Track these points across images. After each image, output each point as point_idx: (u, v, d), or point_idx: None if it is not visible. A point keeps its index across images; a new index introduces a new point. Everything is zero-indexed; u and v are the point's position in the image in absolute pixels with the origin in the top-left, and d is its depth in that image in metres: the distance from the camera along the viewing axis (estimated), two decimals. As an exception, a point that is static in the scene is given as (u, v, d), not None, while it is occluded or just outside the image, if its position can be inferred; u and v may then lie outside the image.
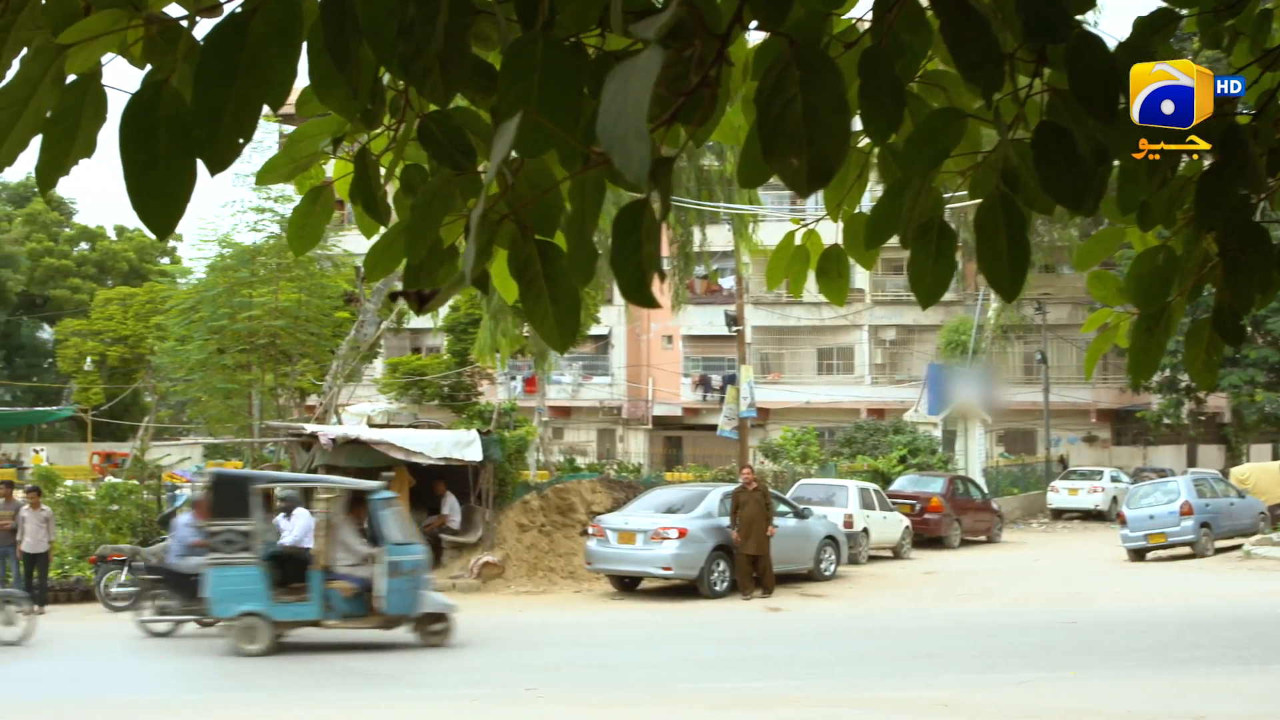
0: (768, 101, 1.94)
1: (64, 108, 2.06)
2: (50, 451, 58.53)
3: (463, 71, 2.14)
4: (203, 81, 1.91)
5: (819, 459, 41.06)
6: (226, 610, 17.15)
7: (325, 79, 2.29)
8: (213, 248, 31.84)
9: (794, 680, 15.19)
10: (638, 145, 1.58)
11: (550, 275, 2.34)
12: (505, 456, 26.86)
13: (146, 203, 1.99)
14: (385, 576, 17.18)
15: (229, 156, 1.96)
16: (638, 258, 1.96)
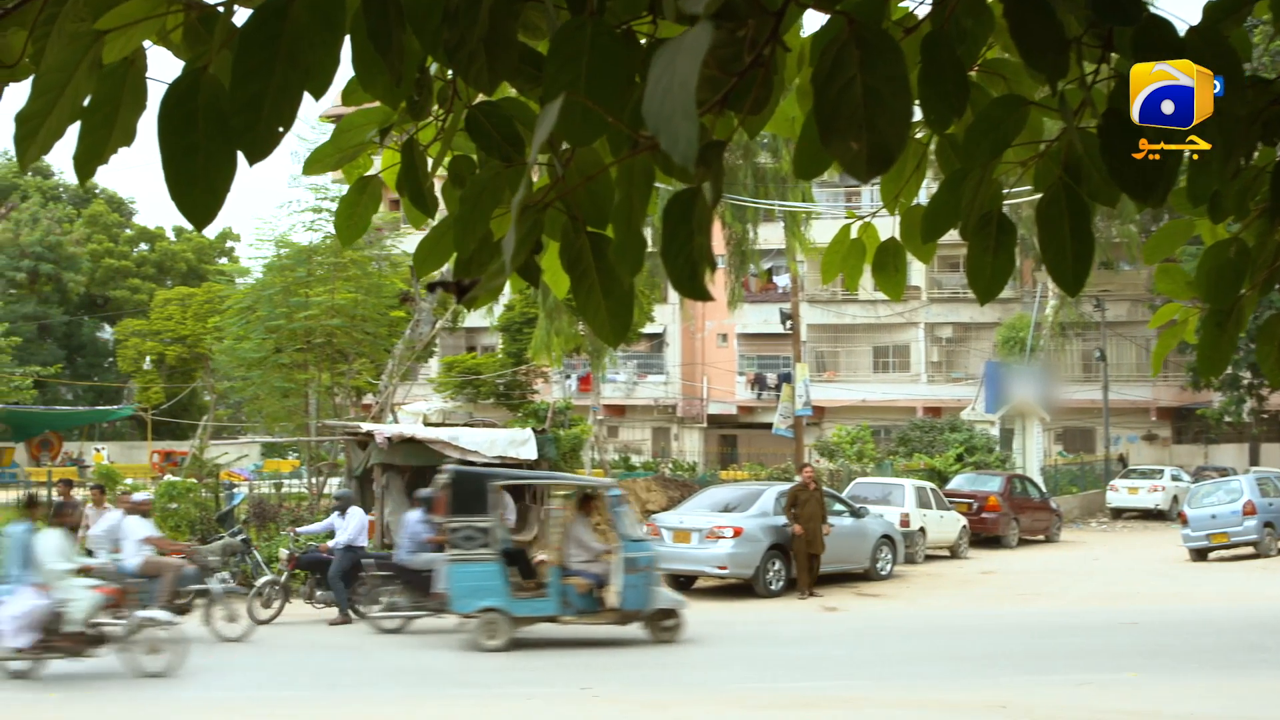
0: (825, 83, 1.85)
1: (102, 95, 2.00)
2: (111, 450, 59.20)
3: (509, 58, 2.08)
4: (242, 69, 1.85)
5: (875, 457, 40.81)
6: (466, 606, 17.35)
7: (368, 66, 2.24)
8: (270, 248, 32.03)
9: (849, 680, 15.08)
10: (685, 125, 1.50)
11: (602, 268, 2.28)
12: (560, 455, 26.88)
13: (185, 193, 1.94)
14: (621, 572, 17.35)
15: (268, 146, 1.90)
16: (689, 249, 1.88)
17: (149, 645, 15.20)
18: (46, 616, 14.86)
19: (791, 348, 42.70)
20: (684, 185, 1.90)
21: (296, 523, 24.54)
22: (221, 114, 1.90)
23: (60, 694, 14.44)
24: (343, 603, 19.49)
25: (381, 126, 2.88)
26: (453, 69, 2.26)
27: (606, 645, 17.54)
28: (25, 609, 14.75)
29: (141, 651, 15.14)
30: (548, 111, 1.71)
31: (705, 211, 1.86)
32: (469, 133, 2.71)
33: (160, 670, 14.99)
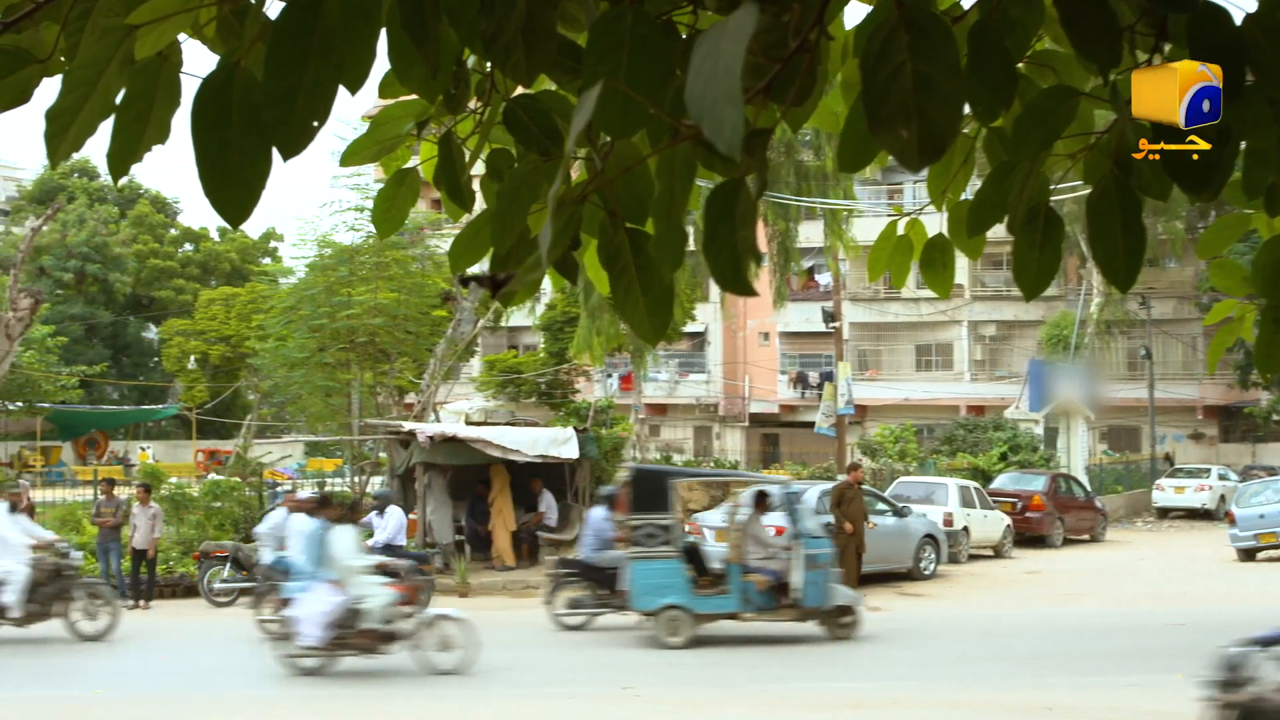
0: (874, 69, 1.79)
1: (135, 91, 1.96)
2: (156, 449, 59.63)
3: (547, 49, 2.04)
4: (275, 63, 1.81)
5: (918, 456, 40.59)
6: (649, 603, 17.45)
7: (404, 58, 2.20)
8: (312, 247, 32.16)
9: (893, 681, 14.99)
10: (730, 112, 1.44)
11: (641, 264, 2.24)
12: (602, 454, 26.85)
13: (220, 190, 1.90)
14: (801, 569, 17.38)
15: (303, 140, 1.86)
16: (732, 242, 1.82)
17: (441, 642, 15.29)
18: (343, 614, 14.96)
19: (834, 346, 42.50)
20: (725, 179, 1.85)
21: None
22: (255, 109, 1.86)
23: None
24: None
25: (419, 119, 2.84)
26: (490, 60, 2.21)
27: (647, 644, 17.49)
28: (322, 606, 14.84)
29: (433, 648, 15.23)
30: (585, 99, 1.65)
31: (749, 203, 1.80)
32: (507, 126, 2.67)
33: (452, 667, 15.09)
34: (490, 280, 1.70)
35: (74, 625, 17.91)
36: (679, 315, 37.95)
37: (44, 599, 17.70)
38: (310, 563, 15.19)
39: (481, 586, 23.71)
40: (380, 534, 19.74)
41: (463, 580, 23.33)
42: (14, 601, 17.57)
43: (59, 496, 33.38)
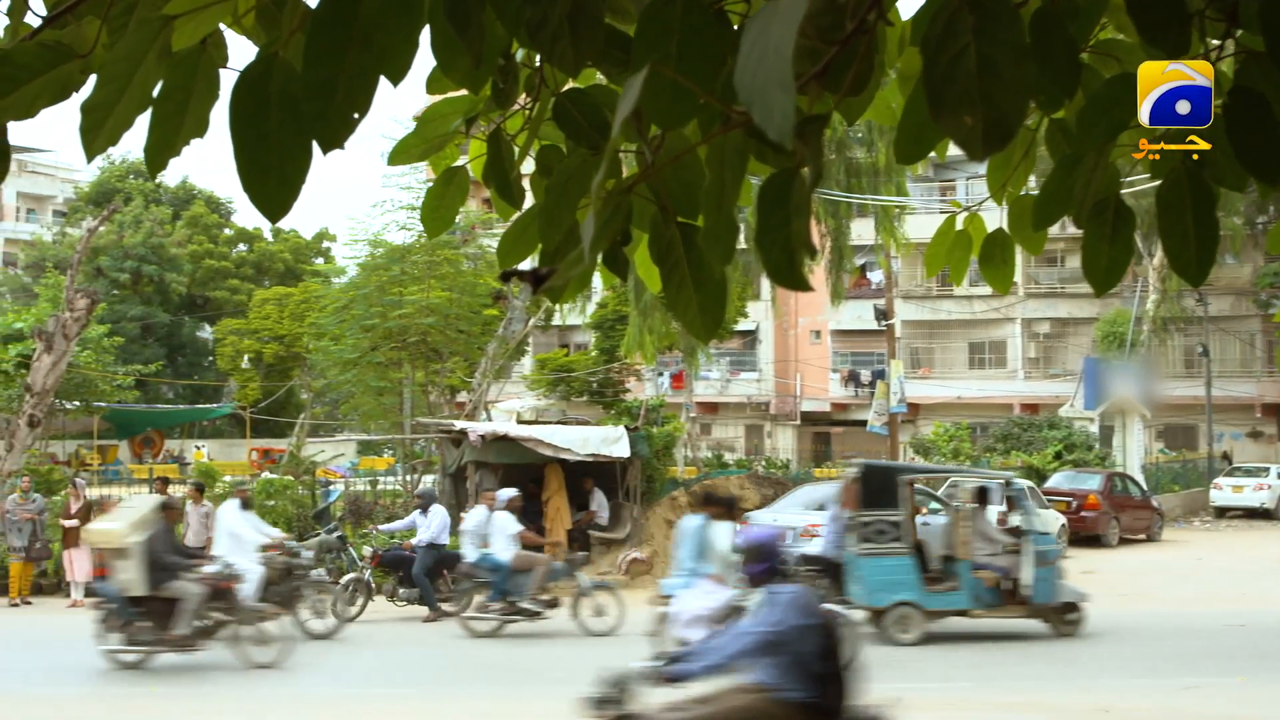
0: (936, 52, 1.70)
1: (173, 84, 1.91)
2: (211, 448, 60.08)
3: (594, 37, 1.97)
4: (314, 53, 1.75)
5: (971, 455, 40.28)
6: (880, 600, 17.45)
7: (448, 48, 2.14)
8: (364, 247, 32.30)
9: (946, 682, 14.84)
10: (781, 97, 1.36)
11: (693, 260, 2.18)
12: (653, 453, 26.78)
13: (259, 184, 1.85)
14: (1031, 566, 17.38)
15: (342, 133, 1.80)
16: (785, 234, 1.75)
17: None
18: (725, 612, 14.99)
19: (886, 344, 42.27)
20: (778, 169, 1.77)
21: (390, 519, 24.74)
22: (295, 101, 1.81)
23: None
24: (431, 600, 19.53)
25: (467, 116, 2.80)
26: (536, 49, 2.16)
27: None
28: (702, 603, 14.89)
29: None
30: (632, 84, 1.58)
31: (803, 194, 1.73)
32: (556, 121, 2.62)
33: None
34: (532, 275, 1.63)
35: (303, 624, 17.81)
36: (730, 313, 37.84)
37: (276, 597, 17.43)
38: (691, 558, 15.15)
39: (533, 585, 23.66)
40: (424, 533, 19.77)
41: (514, 579, 23.30)
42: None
43: (115, 494, 33.67)
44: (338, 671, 15.98)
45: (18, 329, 39.52)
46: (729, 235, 1.92)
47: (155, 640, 15.39)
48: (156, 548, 15.46)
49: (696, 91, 1.83)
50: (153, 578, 15.31)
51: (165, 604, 15.36)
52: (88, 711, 13.78)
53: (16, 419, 27.55)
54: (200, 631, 15.44)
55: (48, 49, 1.98)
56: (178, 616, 15.30)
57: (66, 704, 14.03)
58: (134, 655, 15.64)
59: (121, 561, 15.47)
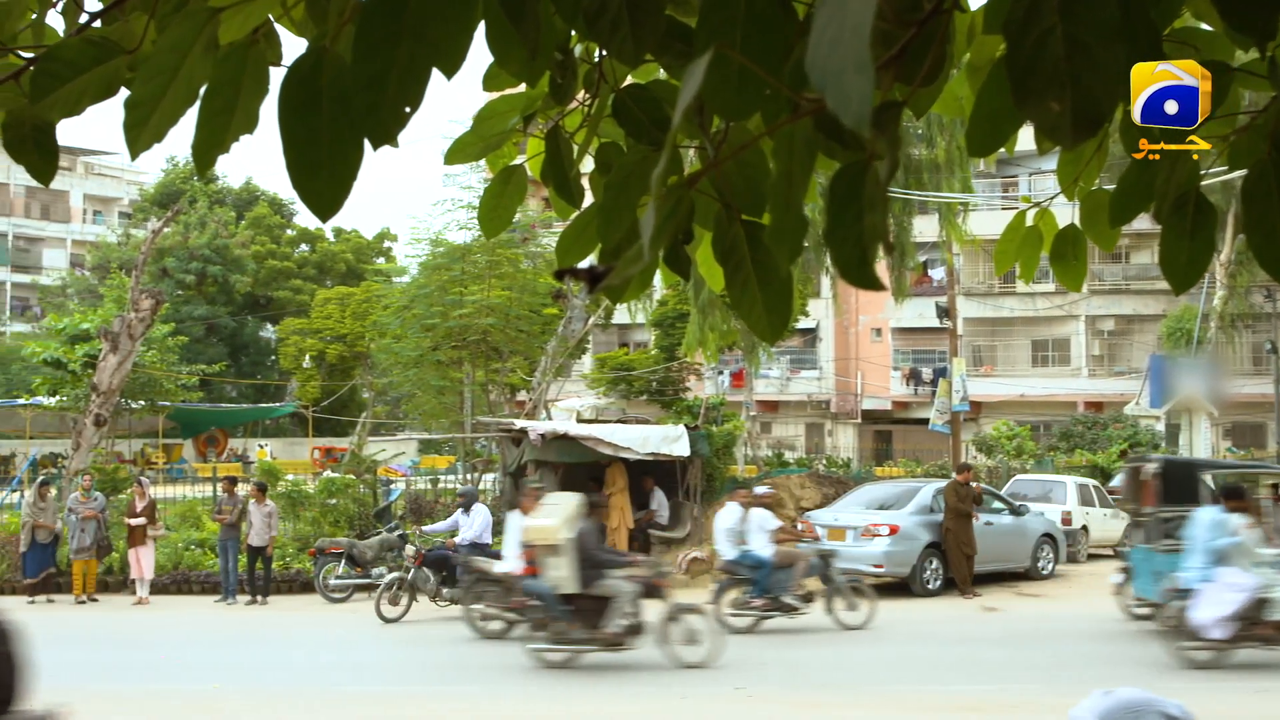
0: (1019, 33, 1.60)
1: (221, 78, 1.85)
2: (274, 446, 60.58)
3: (655, 25, 1.90)
4: (364, 44, 1.68)
5: (1034, 454, 39.88)
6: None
7: (502, 39, 2.07)
8: (425, 247, 32.43)
9: (1011, 684, 14.65)
10: (858, 80, 1.27)
11: (758, 259, 2.10)
12: (713, 451, 26.69)
13: (308, 182, 1.78)
14: None
15: (394, 128, 1.73)
16: (858, 230, 1.65)
17: None
18: (1249, 605, 14.99)
19: (948, 342, 41.93)
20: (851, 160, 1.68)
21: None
22: (345, 96, 1.74)
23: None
24: None
25: (524, 113, 2.73)
26: (594, 40, 2.08)
27: (760, 643, 17.33)
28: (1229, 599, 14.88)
29: None
30: (694, 69, 1.48)
31: (877, 186, 1.64)
32: (616, 118, 2.55)
33: None
34: (589, 273, 1.55)
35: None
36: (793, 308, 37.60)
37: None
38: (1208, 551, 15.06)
39: (593, 584, 23.66)
40: (466, 532, 19.78)
41: (575, 578, 23.30)
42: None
43: (180, 493, 33.99)
44: (408, 669, 16.03)
45: (84, 329, 39.97)
46: (797, 232, 1.83)
47: (586, 639, 15.32)
48: (587, 545, 15.39)
49: (764, 78, 1.74)
50: (584, 575, 15.24)
51: (595, 602, 15.30)
52: (151, 708, 13.88)
53: (83, 418, 27.87)
54: (630, 630, 15.32)
55: (94, 45, 1.93)
56: (609, 614, 15.22)
57: (129, 700, 14.14)
58: (561, 654, 15.60)
59: (554, 559, 15.38)
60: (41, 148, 2.14)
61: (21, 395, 50.37)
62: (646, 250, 1.49)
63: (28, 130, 2.11)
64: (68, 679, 15.49)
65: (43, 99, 1.90)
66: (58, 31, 2.45)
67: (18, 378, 57.48)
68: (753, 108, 1.87)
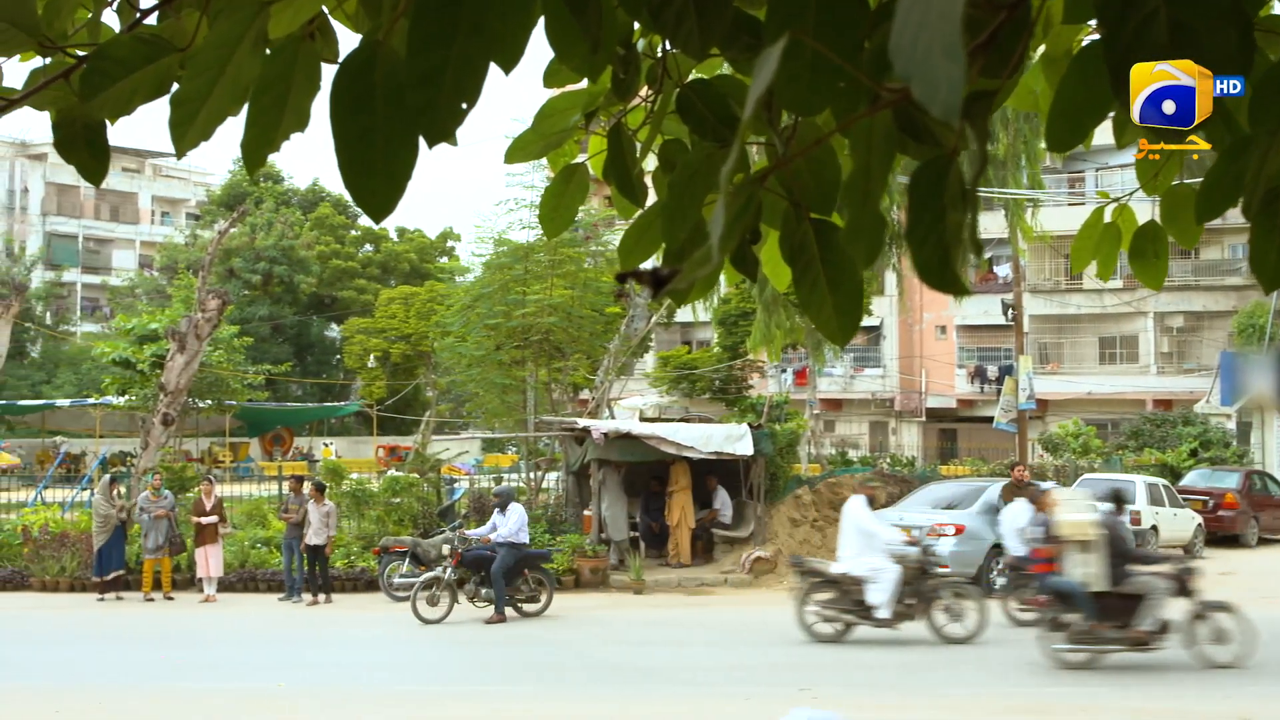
0: (1119, 17, 1.49)
1: (271, 75, 1.78)
2: (339, 445, 61.03)
3: (722, 17, 1.82)
4: (419, 38, 1.61)
5: (1102, 452, 39.39)
6: None
7: (563, 32, 2.00)
8: (488, 246, 32.49)
9: (1082, 687, 14.44)
10: (947, 67, 1.16)
11: (828, 259, 2.03)
12: (777, 450, 26.54)
13: (362, 181, 1.71)
14: None
15: (450, 125, 1.65)
16: (940, 229, 1.56)
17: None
18: None
19: (1014, 339, 41.51)
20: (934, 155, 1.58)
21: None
22: (399, 92, 1.67)
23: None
24: (501, 601, 19.42)
25: (586, 110, 2.66)
26: (658, 32, 2.01)
27: (830, 644, 17.19)
28: None
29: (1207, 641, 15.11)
30: (767, 59, 1.40)
31: (960, 183, 1.55)
32: (680, 114, 2.48)
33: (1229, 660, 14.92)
34: (653, 276, 1.47)
35: (939, 629, 17.36)
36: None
37: (912, 599, 17.14)
38: None
39: (656, 584, 23.64)
40: (501, 530, 19.77)
41: (637, 577, 23.28)
42: (883, 601, 16.97)
43: (246, 491, 34.28)
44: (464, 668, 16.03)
45: (152, 330, 40.44)
46: (875, 232, 1.73)
47: (1115, 638, 15.09)
48: (1119, 540, 15.26)
49: (842, 67, 1.65)
50: (1114, 573, 15.06)
51: (1123, 600, 15.09)
52: (216, 706, 13.95)
53: (151, 417, 28.16)
54: (1159, 629, 15.06)
55: (144, 43, 1.87)
56: (1140, 613, 15.00)
57: (194, 698, 14.24)
58: (1084, 654, 15.30)
59: (1084, 555, 15.18)
60: (93, 147, 2.10)
61: (91, 395, 51.04)
62: (715, 252, 1.41)
63: (79, 129, 2.07)
64: (134, 676, 15.68)
65: (93, 97, 1.85)
66: (113, 29, 2.40)
67: (88, 377, 58.28)
68: (826, 101, 1.78)
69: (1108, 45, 1.50)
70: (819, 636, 17.43)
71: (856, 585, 17.02)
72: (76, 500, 32.55)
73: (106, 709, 13.89)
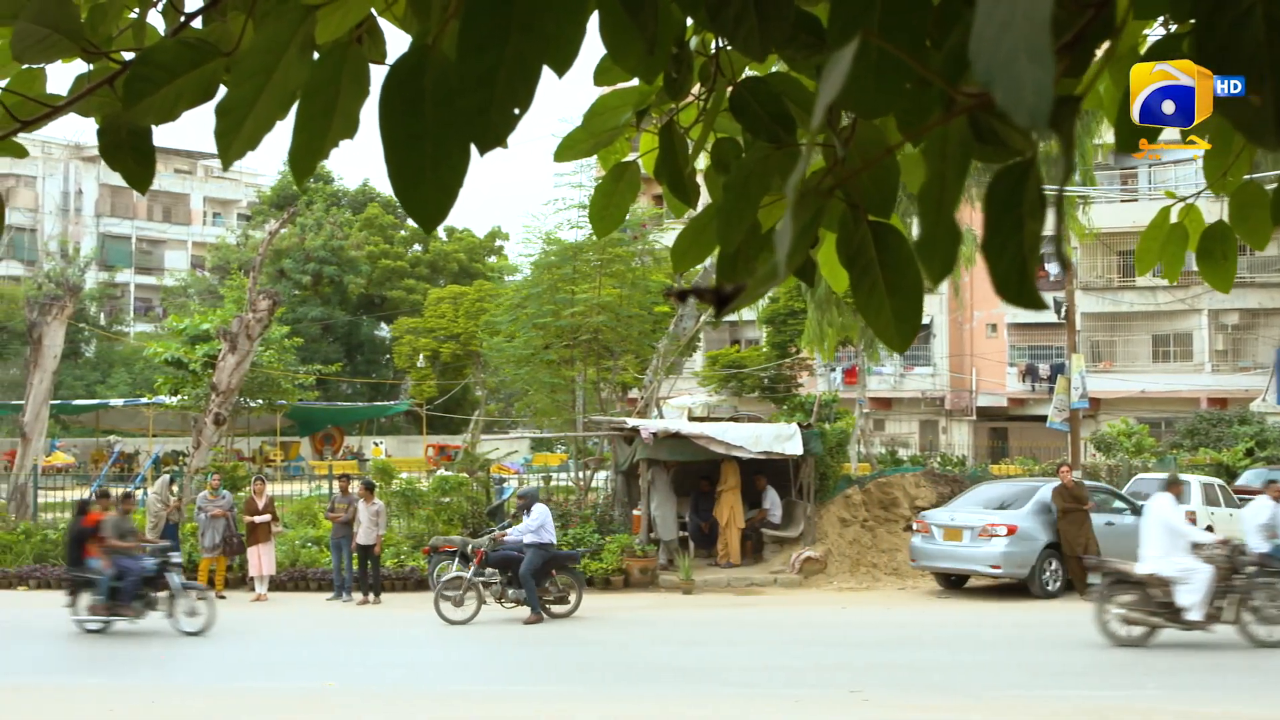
0: (1211, 14, 1.39)
1: (319, 81, 1.72)
2: (388, 444, 61.28)
3: (783, 17, 1.75)
4: (470, 40, 1.55)
5: (1156, 452, 38.95)
6: None
7: (618, 33, 1.94)
8: (537, 245, 32.50)
9: (1137, 690, 14.26)
10: (1034, 71, 1.08)
11: (887, 263, 1.97)
12: (826, 450, 26.42)
13: (412, 190, 1.65)
14: None
15: (503, 131, 1.59)
16: (1017, 241, 1.49)
17: None
18: None
19: (1065, 337, 41.12)
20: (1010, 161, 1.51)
21: (563, 515, 24.90)
22: (450, 97, 1.61)
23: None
24: (534, 602, 19.40)
25: (638, 108, 2.61)
26: (717, 33, 1.95)
27: (877, 645, 17.08)
28: None
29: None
30: (837, 62, 1.31)
31: (1038, 189, 1.48)
32: (733, 112, 2.42)
33: None
34: (714, 293, 1.40)
35: (1248, 631, 16.96)
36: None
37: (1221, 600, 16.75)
38: None
39: (705, 584, 23.57)
40: (524, 531, 19.80)
41: (687, 577, 23.22)
42: (1195, 602, 16.62)
43: (297, 490, 34.49)
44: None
45: (204, 330, 40.75)
46: (950, 243, 1.66)
47: None
48: None
49: (916, 69, 1.58)
50: None
51: None
52: (266, 705, 14.00)
53: (203, 417, 28.35)
54: None
55: (189, 47, 1.83)
56: None
57: (243, 696, 14.29)
58: None
59: None
60: (138, 153, 2.06)
61: (145, 394, 51.49)
62: (782, 268, 1.34)
63: (124, 136, 2.03)
64: (185, 676, 15.76)
65: (137, 104, 1.81)
66: (159, 31, 2.37)
67: (141, 377, 58.81)
68: (893, 104, 1.71)
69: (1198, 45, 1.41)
70: (1120, 640, 17.03)
71: (1164, 586, 16.65)
72: (130, 499, 32.78)
73: (159, 707, 13.96)
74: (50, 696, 14.58)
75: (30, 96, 2.10)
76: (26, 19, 1.84)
